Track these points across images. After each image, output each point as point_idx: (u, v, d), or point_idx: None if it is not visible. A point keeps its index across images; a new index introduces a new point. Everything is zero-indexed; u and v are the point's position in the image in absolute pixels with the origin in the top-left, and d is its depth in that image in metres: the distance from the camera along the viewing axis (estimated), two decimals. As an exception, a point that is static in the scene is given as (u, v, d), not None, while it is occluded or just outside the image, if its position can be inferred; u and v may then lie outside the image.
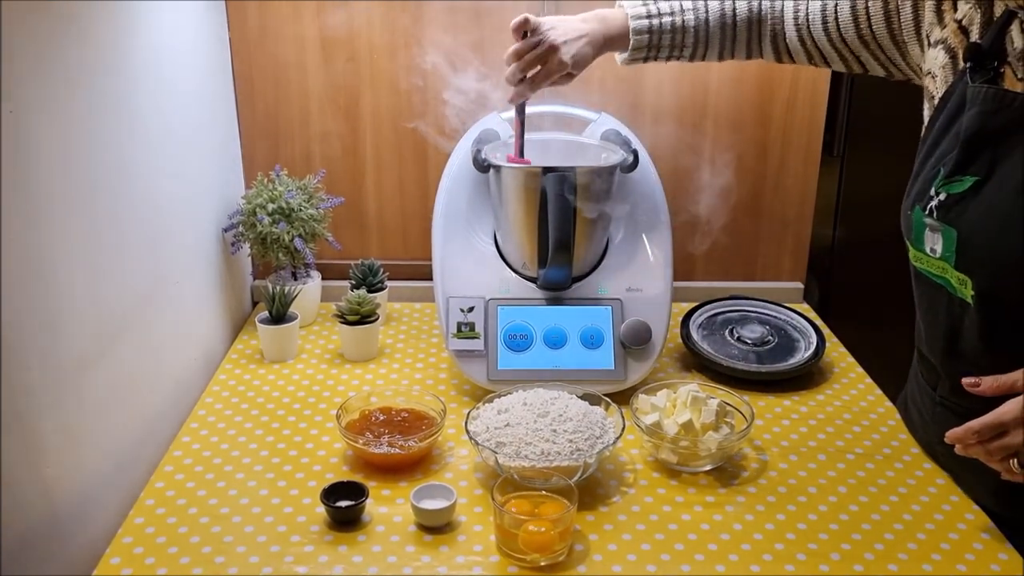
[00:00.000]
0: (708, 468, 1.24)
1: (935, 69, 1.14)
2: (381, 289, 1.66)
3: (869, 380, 1.51)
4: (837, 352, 1.61)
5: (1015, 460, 0.99)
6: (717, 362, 1.50)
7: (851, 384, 1.50)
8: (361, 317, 1.53)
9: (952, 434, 1.03)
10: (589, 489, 1.20)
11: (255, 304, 1.79)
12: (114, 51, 1.19)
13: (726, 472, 1.25)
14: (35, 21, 0.98)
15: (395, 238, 1.80)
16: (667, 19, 1.37)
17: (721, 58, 1.41)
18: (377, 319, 1.55)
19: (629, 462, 1.28)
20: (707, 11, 1.37)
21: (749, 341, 1.55)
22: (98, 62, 1.14)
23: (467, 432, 1.21)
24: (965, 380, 1.04)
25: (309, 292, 1.66)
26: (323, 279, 1.72)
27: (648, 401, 1.30)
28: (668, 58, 1.41)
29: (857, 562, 1.08)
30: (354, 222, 1.79)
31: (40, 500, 1.03)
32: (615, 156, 1.45)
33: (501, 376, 1.39)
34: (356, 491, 1.15)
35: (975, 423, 1.00)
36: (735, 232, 1.81)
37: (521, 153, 1.43)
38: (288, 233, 1.57)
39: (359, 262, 1.66)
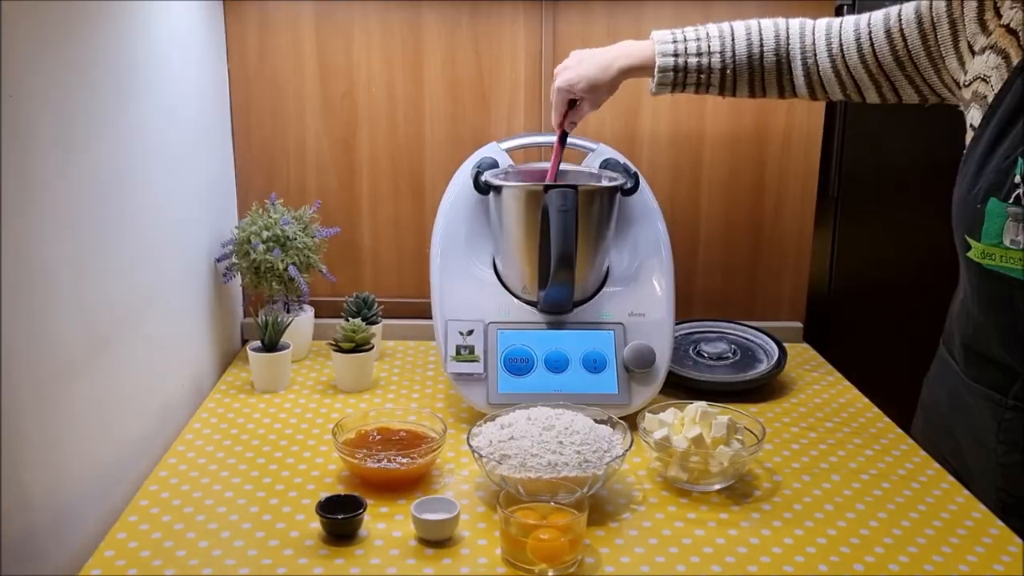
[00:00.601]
0: (718, 487, 1.19)
1: (987, 71, 1.14)
2: (376, 322, 1.62)
3: (876, 409, 1.48)
4: (842, 386, 1.58)
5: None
6: (695, 379, 1.52)
7: (859, 414, 1.46)
8: (356, 345, 1.49)
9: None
10: (598, 506, 1.15)
11: (245, 342, 1.74)
12: (116, 71, 1.18)
13: (737, 491, 1.20)
14: (34, 43, 0.97)
15: (390, 274, 1.78)
16: (693, 60, 1.35)
17: (752, 94, 1.39)
18: (372, 348, 1.51)
19: (637, 482, 1.23)
20: (734, 49, 1.35)
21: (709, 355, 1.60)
22: (98, 81, 1.13)
23: (469, 446, 1.16)
24: None
25: (302, 325, 1.62)
26: (316, 316, 1.69)
27: (655, 419, 1.25)
28: (696, 92, 1.39)
29: None
30: (348, 257, 1.76)
31: (18, 509, 0.96)
32: (616, 180, 1.44)
33: (501, 400, 1.34)
34: (353, 506, 1.09)
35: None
36: (733, 271, 1.80)
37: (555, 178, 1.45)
38: (283, 261, 1.54)
39: (354, 296, 1.63)
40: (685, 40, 1.36)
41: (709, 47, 1.35)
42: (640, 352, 1.38)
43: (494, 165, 1.51)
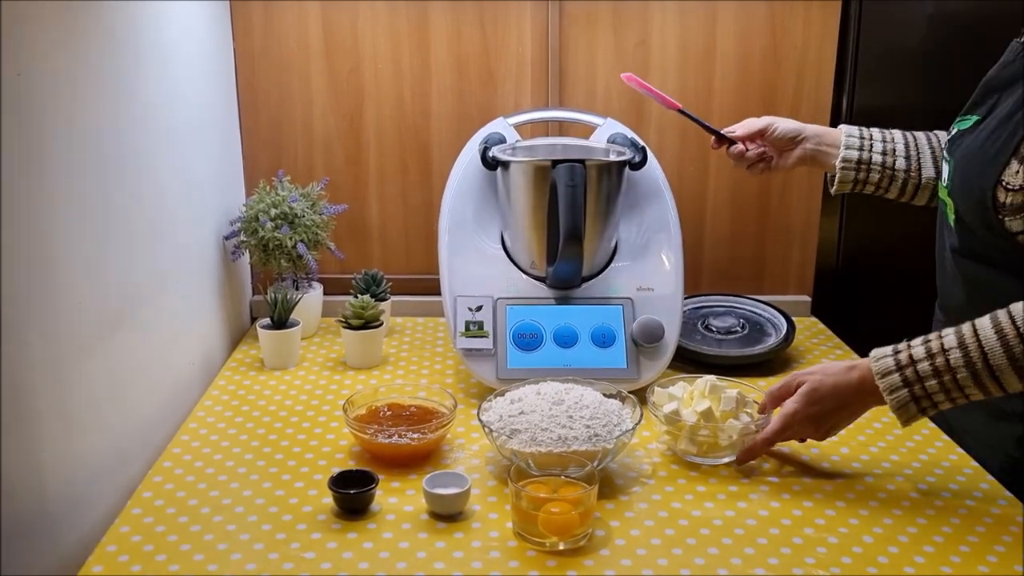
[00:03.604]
0: (727, 460, 1.20)
1: None
2: (384, 299, 1.63)
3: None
4: (843, 350, 1.59)
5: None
6: (704, 353, 1.53)
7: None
8: (365, 322, 1.50)
9: (744, 455, 1.17)
10: (608, 480, 1.16)
11: (254, 319, 1.75)
12: (124, 50, 1.18)
13: (746, 464, 1.20)
14: (45, 23, 0.97)
15: (398, 251, 1.78)
16: (878, 157, 1.33)
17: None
18: (381, 324, 1.52)
19: (646, 456, 1.23)
20: (918, 147, 1.34)
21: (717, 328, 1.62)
22: (107, 61, 1.13)
23: (479, 421, 1.16)
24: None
25: (311, 302, 1.63)
26: (325, 293, 1.69)
27: (665, 392, 1.26)
28: (875, 194, 1.37)
29: (882, 554, 1.03)
30: (356, 234, 1.76)
31: (34, 486, 0.97)
32: (624, 155, 1.44)
33: (510, 375, 1.35)
34: (365, 481, 1.10)
35: (766, 435, 1.15)
36: (741, 245, 1.80)
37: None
38: (291, 238, 1.55)
39: (363, 272, 1.63)
40: (871, 149, 1.35)
41: (895, 163, 1.34)
42: (649, 327, 1.38)
43: (501, 140, 1.51)
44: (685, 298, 1.58)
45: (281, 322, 1.50)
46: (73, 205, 1.04)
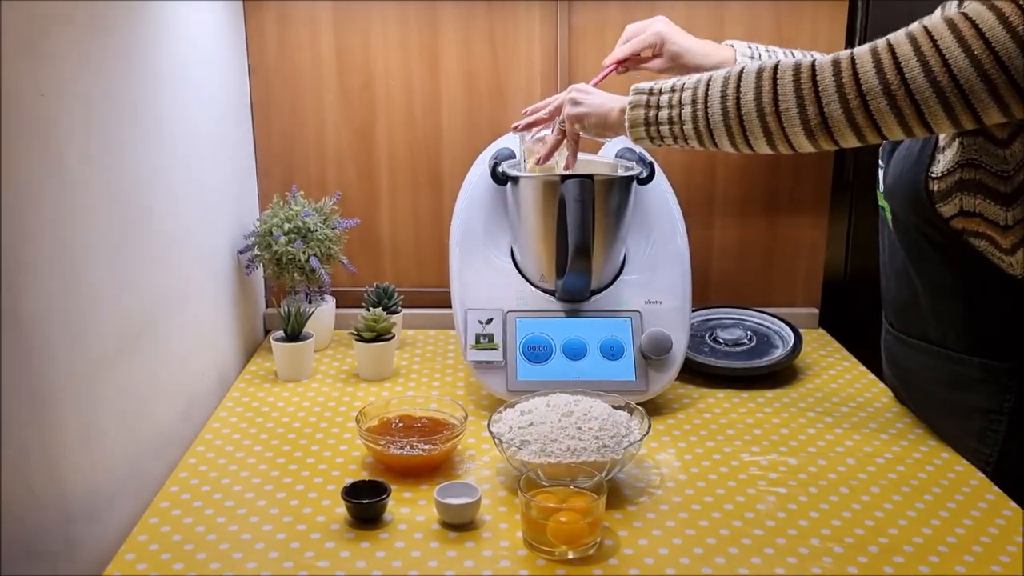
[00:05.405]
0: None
1: None
2: (396, 312, 1.65)
3: (891, 394, 1.49)
4: (857, 371, 1.60)
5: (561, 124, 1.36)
6: (712, 365, 1.54)
7: (874, 398, 1.48)
8: (377, 335, 1.52)
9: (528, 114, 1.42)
10: (616, 490, 1.17)
11: (267, 332, 1.77)
12: (141, 68, 1.21)
13: (753, 474, 1.22)
14: (65, 43, 1.00)
15: (409, 264, 1.80)
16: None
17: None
18: (393, 337, 1.54)
19: (655, 466, 1.25)
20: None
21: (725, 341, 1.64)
22: (124, 79, 1.16)
23: (490, 432, 1.18)
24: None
25: (323, 315, 1.65)
26: (337, 306, 1.71)
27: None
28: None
29: (887, 563, 1.04)
30: (368, 248, 1.79)
31: (55, 495, 0.99)
32: (633, 170, 1.45)
33: (520, 387, 1.37)
34: (377, 491, 1.12)
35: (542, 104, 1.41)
36: (749, 257, 1.81)
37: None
38: (304, 252, 1.57)
39: (375, 286, 1.66)
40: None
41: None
42: (657, 339, 1.40)
43: (511, 156, 1.53)
44: (693, 311, 1.60)
45: (294, 335, 1.53)
46: (93, 221, 1.06)
